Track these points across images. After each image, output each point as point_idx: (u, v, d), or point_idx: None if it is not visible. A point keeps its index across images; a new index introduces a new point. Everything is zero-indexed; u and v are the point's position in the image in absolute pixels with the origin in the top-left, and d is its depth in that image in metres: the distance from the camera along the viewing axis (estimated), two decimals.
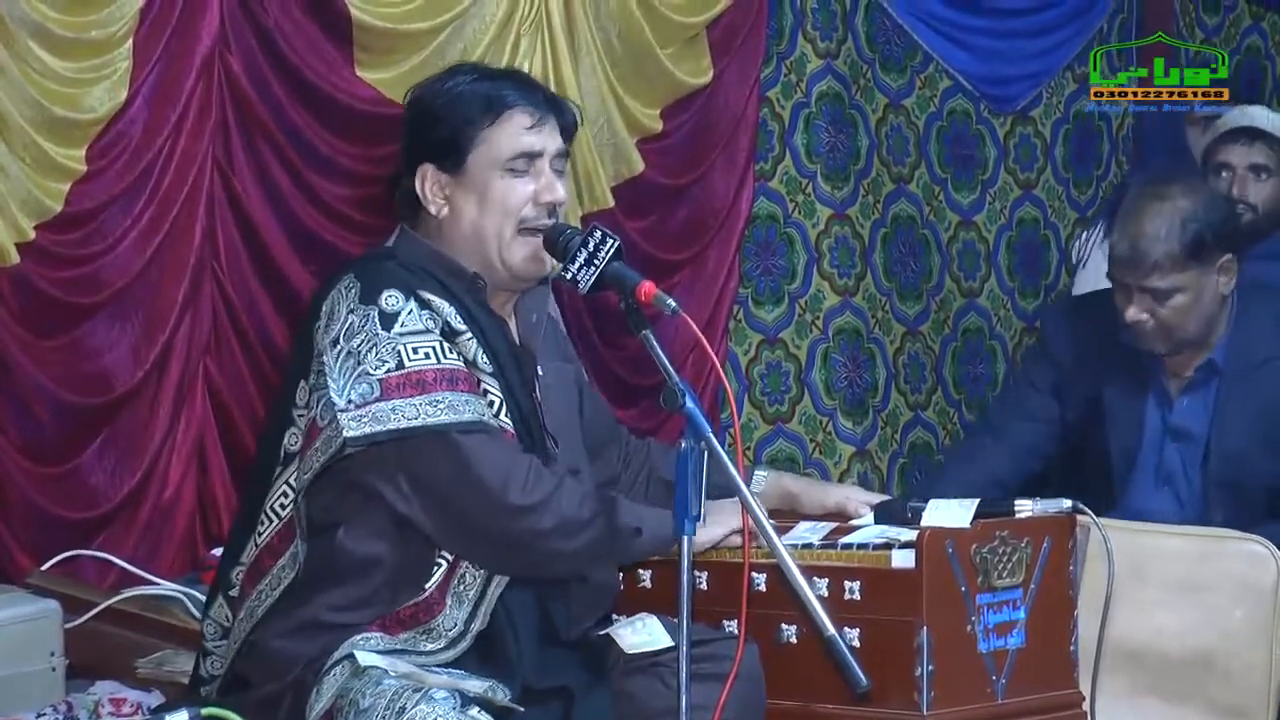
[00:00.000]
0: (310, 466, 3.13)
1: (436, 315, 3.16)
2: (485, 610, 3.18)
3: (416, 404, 3.08)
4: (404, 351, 3.10)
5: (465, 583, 3.18)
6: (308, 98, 4.77)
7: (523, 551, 3.15)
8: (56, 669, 3.86)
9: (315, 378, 3.14)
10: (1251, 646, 3.67)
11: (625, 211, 5.40)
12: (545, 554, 3.15)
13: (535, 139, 3.27)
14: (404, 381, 3.09)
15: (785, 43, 6.03)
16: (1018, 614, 3.38)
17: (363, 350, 3.10)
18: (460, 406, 3.11)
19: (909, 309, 6.44)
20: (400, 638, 3.15)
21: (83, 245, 4.43)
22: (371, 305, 3.13)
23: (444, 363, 3.13)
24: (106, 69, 4.40)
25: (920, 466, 6.47)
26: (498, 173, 3.25)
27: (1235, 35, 7.40)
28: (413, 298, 3.15)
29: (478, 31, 5.02)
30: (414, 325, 3.13)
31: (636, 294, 3.10)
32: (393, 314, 3.13)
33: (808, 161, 6.11)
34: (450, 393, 3.11)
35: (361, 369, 3.09)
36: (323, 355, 3.13)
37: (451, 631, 3.16)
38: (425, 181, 3.28)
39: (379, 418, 3.07)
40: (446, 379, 3.12)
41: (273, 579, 3.21)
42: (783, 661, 3.34)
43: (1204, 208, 4.12)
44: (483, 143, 3.25)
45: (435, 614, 3.16)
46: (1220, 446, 4.21)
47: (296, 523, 3.19)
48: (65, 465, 4.48)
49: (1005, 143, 6.71)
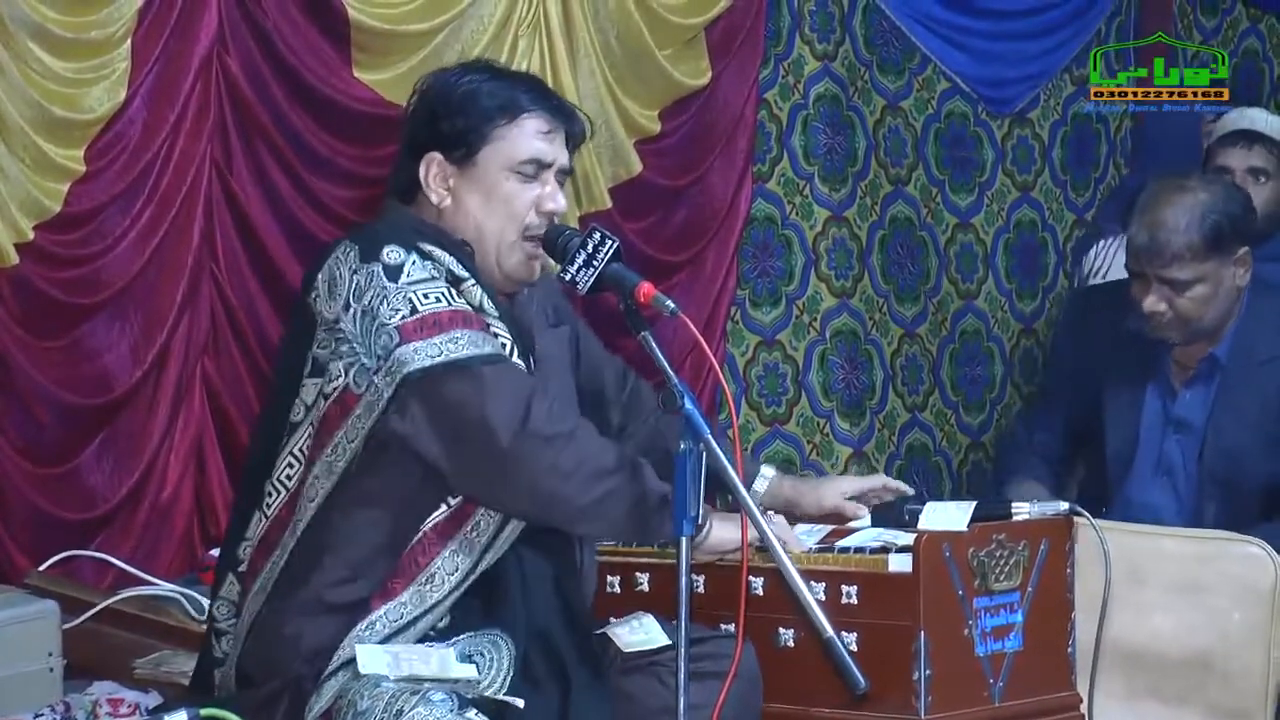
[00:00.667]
0: (358, 432, 3.13)
1: (439, 264, 3.19)
2: (493, 553, 3.19)
3: (437, 343, 3.11)
4: (415, 298, 3.13)
5: (478, 529, 3.18)
6: (306, 99, 4.77)
7: (539, 488, 3.12)
8: (54, 669, 3.85)
9: (331, 347, 3.14)
10: (1249, 648, 3.68)
11: (623, 213, 5.40)
12: (564, 496, 3.12)
13: (547, 147, 3.30)
14: (420, 325, 3.11)
15: (783, 44, 6.02)
16: (1015, 617, 3.39)
17: (375, 305, 3.12)
18: (480, 342, 3.14)
19: (906, 311, 6.44)
20: (403, 597, 3.14)
21: (81, 246, 4.43)
22: (374, 261, 3.15)
23: (455, 304, 3.16)
24: (105, 69, 4.40)
25: (917, 468, 6.47)
26: (506, 174, 3.27)
27: (1233, 37, 7.40)
28: (414, 250, 3.17)
29: (475, 32, 5.01)
30: (419, 274, 3.15)
31: (635, 295, 3.12)
32: (396, 266, 3.15)
33: (805, 163, 6.10)
34: (467, 330, 3.14)
35: (378, 322, 3.11)
36: (338, 322, 3.14)
37: (453, 576, 3.16)
38: (430, 169, 3.29)
39: (403, 360, 3.09)
40: (461, 319, 3.15)
41: (282, 548, 3.21)
42: (781, 665, 3.35)
43: (1223, 200, 4.18)
44: (497, 140, 3.27)
45: (432, 557, 3.16)
46: (1216, 440, 4.25)
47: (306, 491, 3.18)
48: (63, 466, 4.48)
49: (1003, 145, 6.71)
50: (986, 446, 6.71)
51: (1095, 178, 6.98)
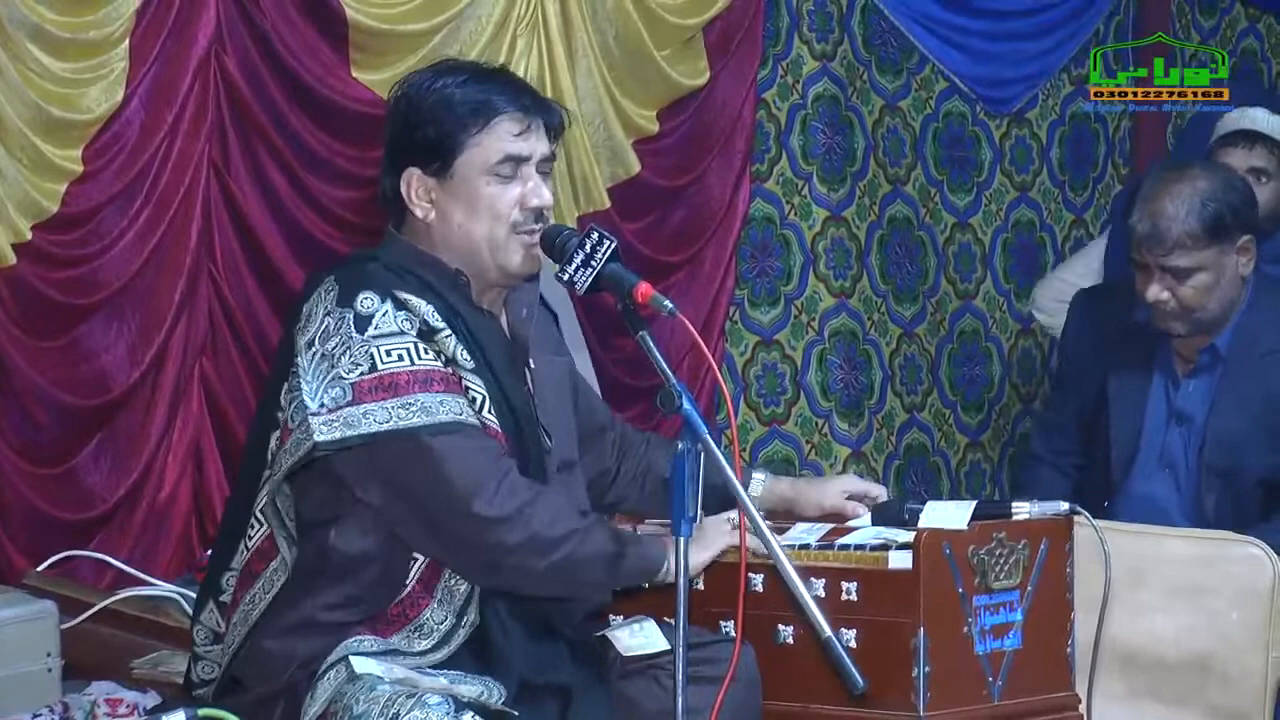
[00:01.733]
0: (280, 466, 3.13)
1: (413, 315, 3.13)
2: (475, 607, 3.17)
3: (388, 407, 3.07)
4: (377, 354, 3.09)
5: (456, 578, 3.17)
6: (304, 99, 4.76)
7: (494, 566, 3.13)
8: (53, 669, 3.85)
9: (291, 379, 3.13)
10: (1249, 650, 3.67)
11: (621, 213, 5.40)
12: (515, 569, 3.12)
13: (523, 145, 3.24)
14: (376, 384, 3.08)
15: (781, 44, 6.02)
16: (1015, 615, 3.38)
17: (336, 353, 3.09)
18: (434, 408, 3.09)
19: (905, 311, 6.44)
20: (392, 640, 3.14)
21: (79, 246, 4.43)
22: (347, 308, 3.11)
23: (418, 364, 3.11)
24: (103, 70, 4.40)
25: (915, 468, 6.47)
26: (484, 178, 3.22)
27: (1232, 37, 7.40)
28: (389, 299, 3.13)
29: (474, 33, 5.01)
30: (388, 327, 3.11)
31: (633, 295, 3.10)
32: (367, 316, 3.11)
33: (804, 163, 6.10)
34: (424, 394, 3.09)
35: (335, 372, 3.08)
36: (298, 356, 3.12)
37: (442, 627, 3.15)
38: (410, 186, 3.25)
39: (350, 422, 3.06)
40: (420, 380, 3.10)
41: (265, 582, 3.20)
42: (780, 662, 3.34)
43: (1223, 188, 4.19)
44: (470, 148, 3.22)
45: (421, 609, 3.15)
46: (1216, 432, 4.25)
47: (280, 523, 3.18)
48: (62, 466, 4.48)
49: (1001, 145, 6.71)
50: (985, 446, 6.71)
51: (1093, 177, 6.99)
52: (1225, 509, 4.21)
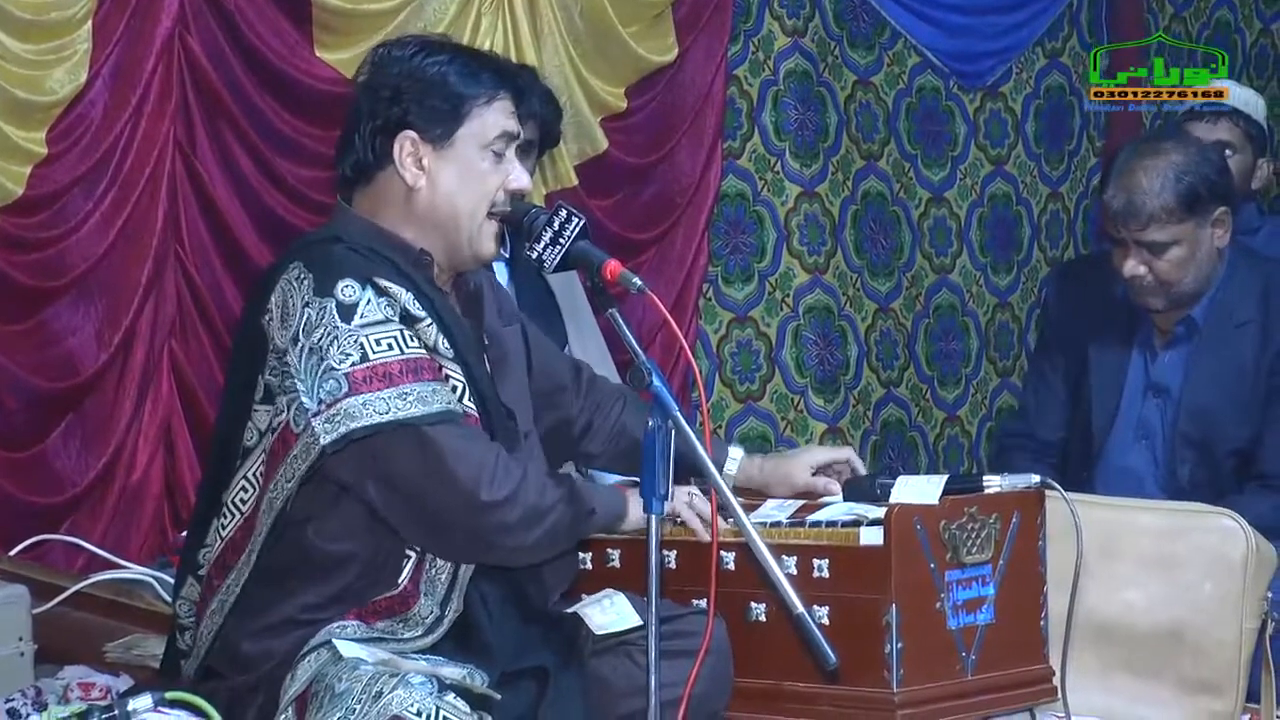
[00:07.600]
0: (294, 473, 3.09)
1: (394, 302, 3.12)
2: (458, 595, 3.17)
3: (385, 397, 3.05)
4: (367, 344, 3.06)
5: (436, 567, 3.17)
6: (268, 79, 4.75)
7: (489, 546, 3.14)
8: (25, 654, 3.84)
9: (280, 377, 3.10)
10: (1222, 621, 3.66)
11: (590, 190, 5.39)
12: (511, 547, 3.14)
13: (515, 124, 3.28)
14: (370, 374, 3.05)
15: (752, 20, 6.01)
16: (987, 590, 3.37)
17: (324, 345, 3.06)
18: (429, 397, 3.08)
19: (880, 286, 6.43)
20: (378, 626, 3.13)
21: (45, 229, 4.42)
22: (328, 297, 3.08)
23: (407, 352, 3.09)
24: (66, 51, 4.38)
25: (893, 444, 6.47)
26: (482, 152, 3.23)
27: (1205, 9, 7.40)
28: (369, 285, 3.10)
29: (438, 11, 5.00)
30: (374, 315, 3.09)
31: (602, 273, 3.10)
32: (351, 305, 3.08)
33: (776, 139, 6.09)
34: (417, 384, 3.08)
35: (326, 364, 3.05)
36: (285, 354, 3.08)
37: (428, 618, 3.15)
38: (403, 150, 3.24)
39: (351, 414, 3.04)
40: (411, 369, 3.08)
41: (238, 573, 3.18)
42: (752, 640, 3.33)
43: (1196, 161, 4.19)
44: (474, 119, 3.22)
45: (411, 605, 3.15)
46: (1190, 403, 4.25)
47: (260, 519, 3.15)
48: (31, 450, 4.47)
49: (975, 119, 6.70)
50: (962, 421, 6.71)
51: (1069, 150, 6.98)
52: (1200, 480, 4.22)
